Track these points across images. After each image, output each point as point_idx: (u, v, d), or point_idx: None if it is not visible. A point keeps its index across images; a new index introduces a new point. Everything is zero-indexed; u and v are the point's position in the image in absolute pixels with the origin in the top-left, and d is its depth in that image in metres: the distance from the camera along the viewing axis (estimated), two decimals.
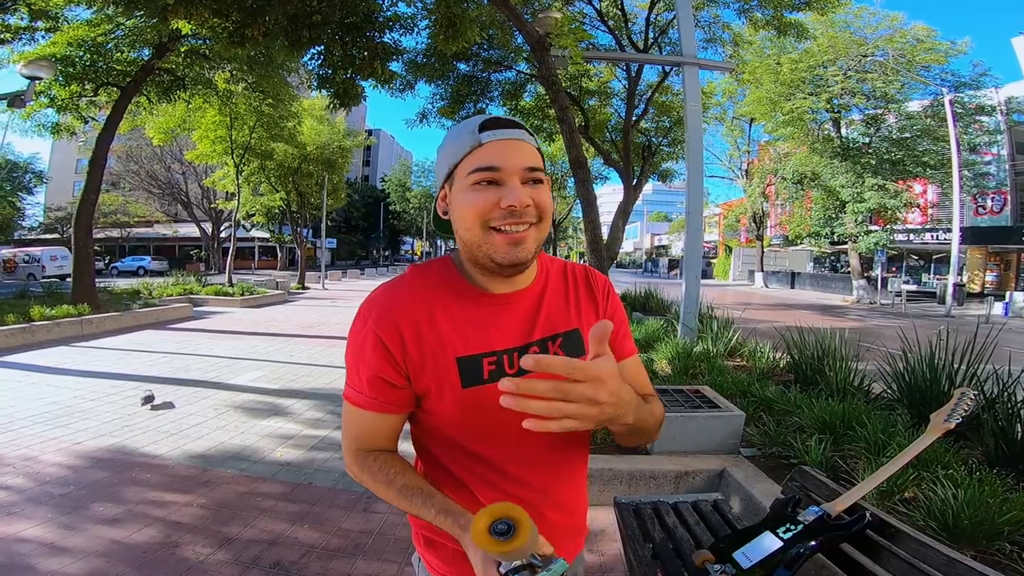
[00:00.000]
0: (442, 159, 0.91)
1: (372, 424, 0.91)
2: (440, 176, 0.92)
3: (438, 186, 0.93)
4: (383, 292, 0.91)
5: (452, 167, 0.88)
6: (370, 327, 0.87)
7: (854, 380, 4.21)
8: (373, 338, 0.86)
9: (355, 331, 0.89)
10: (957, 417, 1.48)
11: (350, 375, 0.91)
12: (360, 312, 0.90)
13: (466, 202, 0.85)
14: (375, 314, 0.88)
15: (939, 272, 23.67)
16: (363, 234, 51.95)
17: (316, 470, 3.46)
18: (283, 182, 20.08)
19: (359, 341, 0.88)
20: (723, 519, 1.99)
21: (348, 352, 0.90)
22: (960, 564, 1.27)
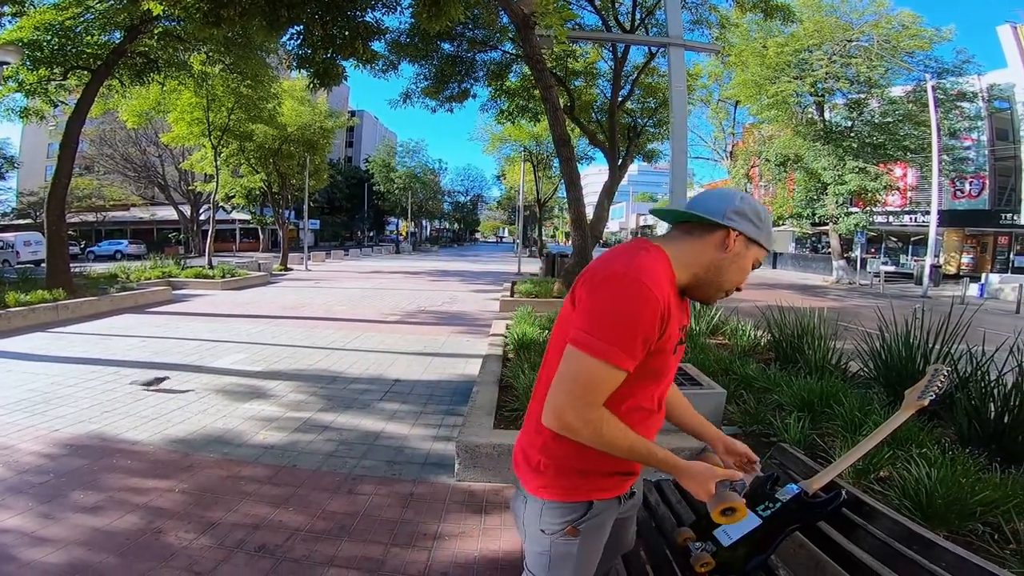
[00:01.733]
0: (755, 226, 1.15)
1: (618, 380, 1.06)
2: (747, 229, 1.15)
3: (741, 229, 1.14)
4: (656, 270, 1.08)
5: (756, 238, 1.16)
6: (653, 293, 1.03)
7: (832, 359, 4.30)
8: (655, 305, 1.03)
9: (633, 296, 1.03)
10: (931, 394, 1.47)
11: (618, 334, 1.02)
12: (642, 286, 1.03)
13: (743, 269, 1.18)
14: (659, 292, 1.04)
15: (917, 254, 24.12)
16: (347, 215, 51.13)
17: (300, 452, 3.44)
18: (263, 163, 19.60)
19: (649, 313, 1.03)
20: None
21: (626, 319, 1.03)
22: (935, 545, 1.28)
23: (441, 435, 3.79)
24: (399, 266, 23.93)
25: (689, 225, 1.18)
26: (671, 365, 1.20)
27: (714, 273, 1.16)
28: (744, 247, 1.15)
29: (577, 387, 1.04)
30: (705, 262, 1.15)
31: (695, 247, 1.15)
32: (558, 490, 1.19)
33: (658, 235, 1.24)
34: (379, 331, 7.86)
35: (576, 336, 1.05)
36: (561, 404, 1.05)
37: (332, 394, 4.71)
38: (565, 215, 9.74)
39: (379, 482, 3.05)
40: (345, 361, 5.92)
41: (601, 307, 1.04)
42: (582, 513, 1.19)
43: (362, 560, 2.29)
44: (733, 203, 1.14)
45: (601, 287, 1.06)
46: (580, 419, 1.05)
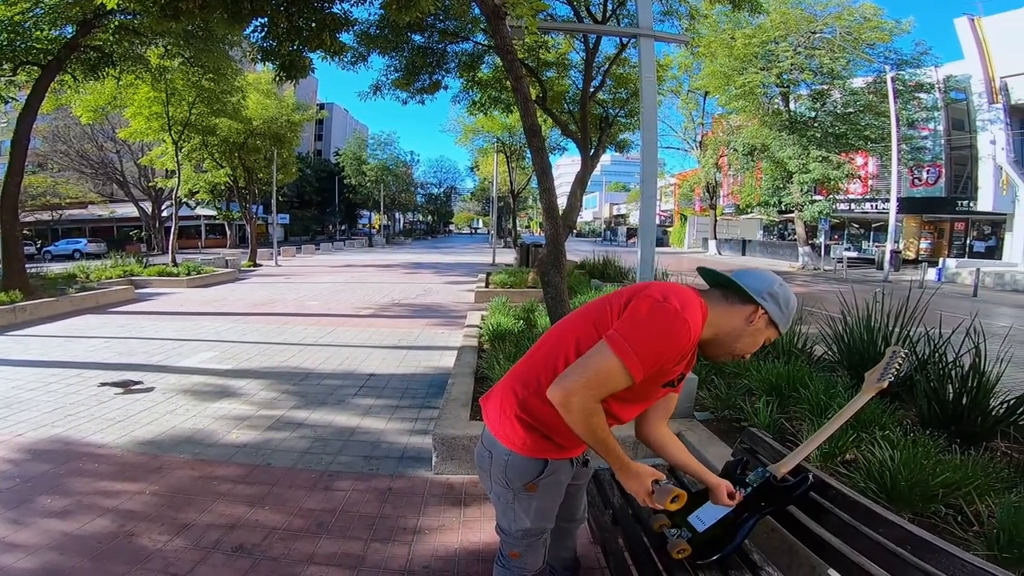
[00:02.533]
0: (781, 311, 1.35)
1: (624, 384, 1.23)
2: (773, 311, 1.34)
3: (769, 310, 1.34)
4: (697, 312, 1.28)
5: (777, 322, 1.35)
6: (691, 339, 1.25)
7: (798, 343, 4.42)
8: (686, 346, 1.26)
9: (678, 332, 1.23)
10: (890, 376, 1.52)
11: (648, 352, 1.21)
12: (683, 319, 1.23)
13: (755, 343, 1.37)
14: (695, 330, 1.26)
15: (878, 240, 24.93)
16: (317, 209, 50.35)
17: (274, 450, 3.39)
18: (228, 158, 19.00)
19: (678, 339, 1.23)
20: (679, 483, 2.05)
21: (658, 339, 1.22)
22: (899, 528, 1.32)
23: (418, 428, 3.78)
24: (372, 259, 23.67)
25: (727, 291, 1.37)
26: (655, 395, 1.42)
27: (732, 339, 1.34)
28: (764, 325, 1.34)
29: (594, 377, 1.21)
30: (729, 328, 1.34)
31: (727, 312, 1.34)
32: (522, 445, 1.38)
33: (702, 290, 1.40)
34: (352, 325, 7.77)
35: (613, 336, 1.22)
36: (573, 387, 1.21)
37: (305, 391, 4.64)
38: (539, 205, 9.91)
39: (356, 478, 3.03)
40: (318, 357, 5.83)
41: (647, 323, 1.22)
42: (540, 471, 1.40)
43: (342, 557, 2.28)
44: (772, 286, 1.34)
45: (657, 310, 1.23)
46: (581, 403, 1.21)
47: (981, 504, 2.05)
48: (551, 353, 1.38)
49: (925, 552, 1.21)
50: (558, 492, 1.49)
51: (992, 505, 2.02)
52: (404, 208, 57.44)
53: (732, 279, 1.36)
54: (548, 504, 1.49)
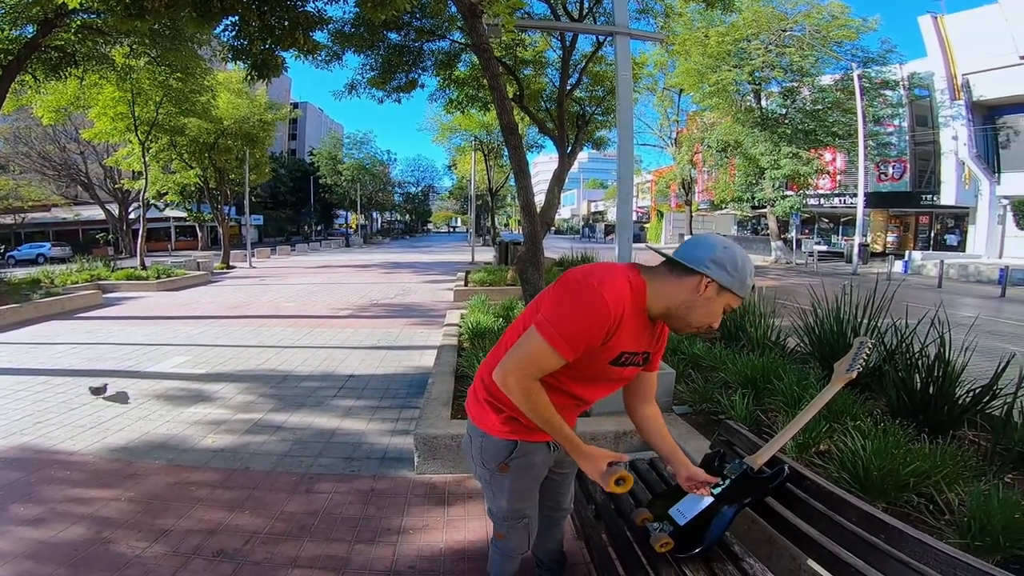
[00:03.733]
0: (730, 276, 1.31)
1: (557, 365, 1.30)
2: (719, 277, 1.30)
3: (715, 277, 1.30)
4: (618, 286, 1.29)
5: (729, 287, 1.31)
6: (610, 312, 1.25)
7: (772, 336, 4.52)
8: (606, 319, 1.25)
9: (593, 306, 1.25)
10: (858, 366, 1.56)
11: (569, 332, 1.25)
12: (599, 294, 1.25)
13: (715, 314, 1.34)
14: (613, 304, 1.26)
15: (846, 234, 25.70)
16: (292, 209, 49.41)
17: (252, 454, 3.34)
18: (198, 158, 18.50)
19: (596, 317, 1.25)
20: (660, 476, 2.10)
21: (576, 316, 1.26)
22: (874, 518, 1.34)
23: (399, 429, 3.76)
24: (349, 259, 23.40)
25: (673, 265, 1.36)
26: (610, 373, 1.42)
27: (684, 311, 1.33)
28: (715, 293, 1.31)
29: (525, 359, 1.30)
30: (678, 300, 1.33)
31: (673, 285, 1.34)
32: (492, 427, 1.48)
33: (649, 267, 1.42)
34: (330, 326, 7.68)
35: (539, 321, 1.29)
36: (509, 368, 1.32)
37: (283, 393, 4.58)
38: (518, 203, 9.88)
39: (338, 480, 3.00)
40: (295, 359, 5.75)
41: (566, 303, 1.28)
42: (510, 451, 1.49)
43: (326, 559, 2.26)
44: (713, 252, 1.31)
45: (574, 290, 1.29)
46: (517, 383, 1.31)
47: (951, 493, 2.09)
48: (508, 342, 1.47)
49: (900, 542, 1.24)
50: (532, 474, 1.56)
51: (962, 494, 2.07)
52: (381, 207, 56.91)
53: (673, 256, 1.36)
54: (522, 485, 1.56)
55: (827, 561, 1.41)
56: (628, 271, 1.35)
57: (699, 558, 1.54)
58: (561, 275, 1.38)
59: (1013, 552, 1.78)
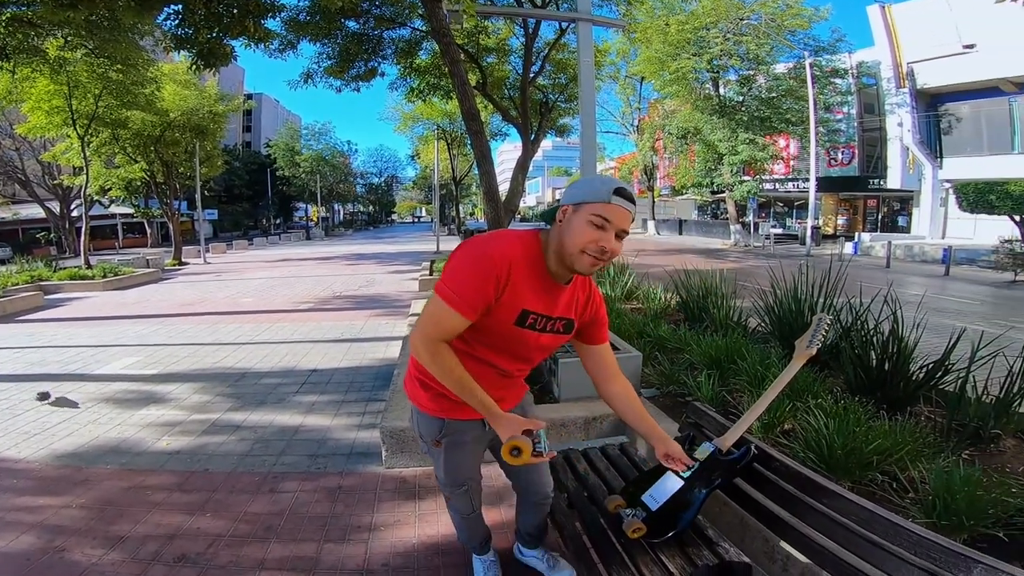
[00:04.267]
0: (578, 191, 1.35)
1: (459, 325, 1.32)
2: (570, 199, 1.34)
3: (566, 202, 1.35)
4: (504, 242, 1.34)
5: (583, 201, 1.32)
6: (495, 264, 1.29)
7: (734, 316, 4.60)
8: (492, 270, 1.29)
9: (479, 261, 1.30)
10: (817, 342, 1.58)
11: (463, 289, 1.29)
12: (484, 249, 1.31)
13: (581, 230, 1.30)
14: (499, 257, 1.30)
15: (800, 217, 26.59)
16: (249, 203, 47.83)
17: (211, 455, 3.20)
18: (143, 152, 17.59)
19: (484, 271, 1.29)
20: (630, 462, 2.10)
21: (467, 274, 1.30)
22: (843, 499, 1.34)
23: (365, 423, 3.67)
24: (311, 252, 22.85)
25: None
26: (517, 340, 1.41)
27: (557, 244, 1.34)
28: (572, 213, 1.33)
29: (428, 322, 1.34)
30: (555, 239, 1.36)
31: (552, 232, 1.38)
32: (423, 403, 1.54)
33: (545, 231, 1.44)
34: (291, 321, 7.46)
35: (437, 284, 1.35)
36: (416, 334, 1.37)
37: (242, 391, 4.41)
38: (482, 191, 9.70)
39: (303, 478, 2.91)
40: (254, 355, 5.55)
41: (455, 266, 1.33)
42: (439, 429, 1.55)
43: (295, 560, 2.17)
44: (570, 186, 1.40)
45: (465, 251, 1.34)
46: (424, 347, 1.34)
47: (913, 470, 2.12)
48: None
49: (871, 523, 1.25)
50: (464, 451, 1.62)
51: (924, 471, 2.10)
52: (343, 199, 56.06)
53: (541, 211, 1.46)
54: (456, 461, 1.63)
55: (800, 543, 1.41)
56: (519, 231, 1.41)
57: (673, 543, 1.54)
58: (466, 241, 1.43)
59: (978, 530, 1.80)
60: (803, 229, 22.37)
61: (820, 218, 25.09)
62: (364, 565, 2.15)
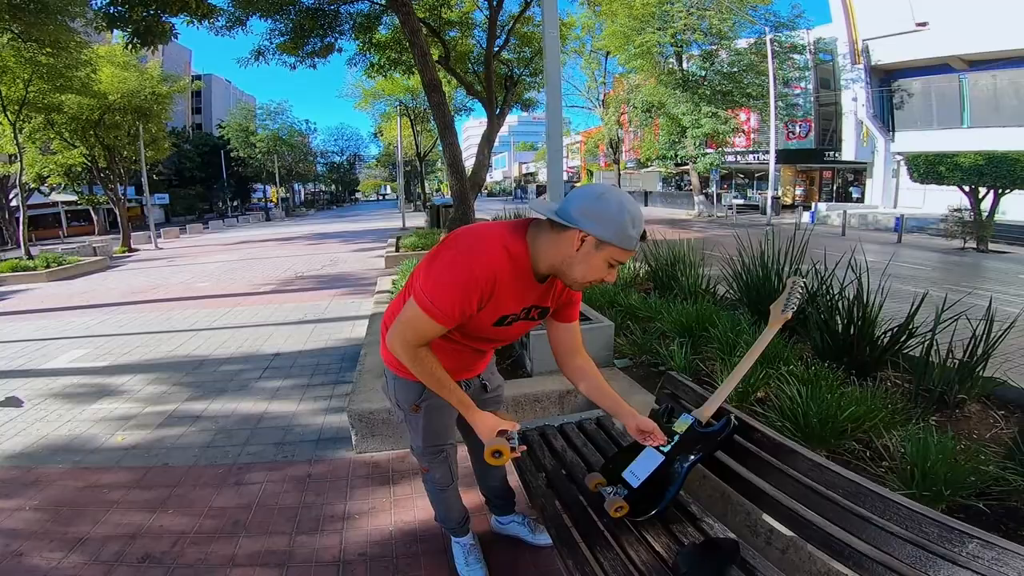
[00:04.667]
0: (608, 228, 1.21)
1: (438, 332, 1.32)
2: (597, 231, 1.21)
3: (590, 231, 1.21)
4: (491, 256, 1.26)
5: (608, 240, 1.22)
6: (479, 283, 1.24)
7: (703, 284, 4.63)
8: (476, 288, 1.24)
9: (463, 275, 1.24)
10: (792, 306, 1.55)
11: (443, 302, 1.25)
12: (469, 264, 1.25)
13: (597, 268, 1.27)
14: (484, 275, 1.24)
15: (760, 188, 27.40)
16: (203, 185, 46.06)
17: (170, 448, 3.03)
18: (82, 137, 16.68)
19: (465, 284, 1.24)
20: (608, 436, 2.04)
21: (449, 288, 1.25)
22: (826, 469, 1.30)
23: (333, 407, 3.54)
24: (271, 233, 22.21)
25: (553, 221, 1.27)
26: (494, 335, 1.44)
27: (566, 268, 1.28)
28: (594, 248, 1.23)
29: (408, 330, 1.33)
30: (558, 257, 1.27)
31: (551, 242, 1.27)
32: (401, 367, 1.47)
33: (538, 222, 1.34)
34: (251, 304, 7.20)
35: (417, 292, 1.30)
36: (393, 337, 1.37)
37: (200, 380, 4.21)
38: (446, 164, 9.47)
39: (270, 467, 2.78)
40: (212, 342, 5.32)
41: (438, 277, 1.27)
42: (419, 393, 1.55)
43: (266, 555, 2.07)
44: (584, 204, 1.21)
45: (445, 261, 1.28)
46: (404, 351, 1.35)
47: (888, 438, 2.11)
48: (398, 299, 1.53)
49: (857, 496, 1.21)
50: (444, 414, 1.62)
51: (896, 438, 2.10)
52: (303, 179, 54.70)
53: (545, 212, 1.27)
54: (435, 425, 1.63)
55: (785, 516, 1.38)
56: (507, 237, 1.29)
57: (657, 520, 1.49)
58: (445, 238, 1.37)
59: (956, 500, 1.78)
60: (764, 199, 23.02)
61: (779, 189, 25.91)
62: (340, 556, 2.06)
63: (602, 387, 1.56)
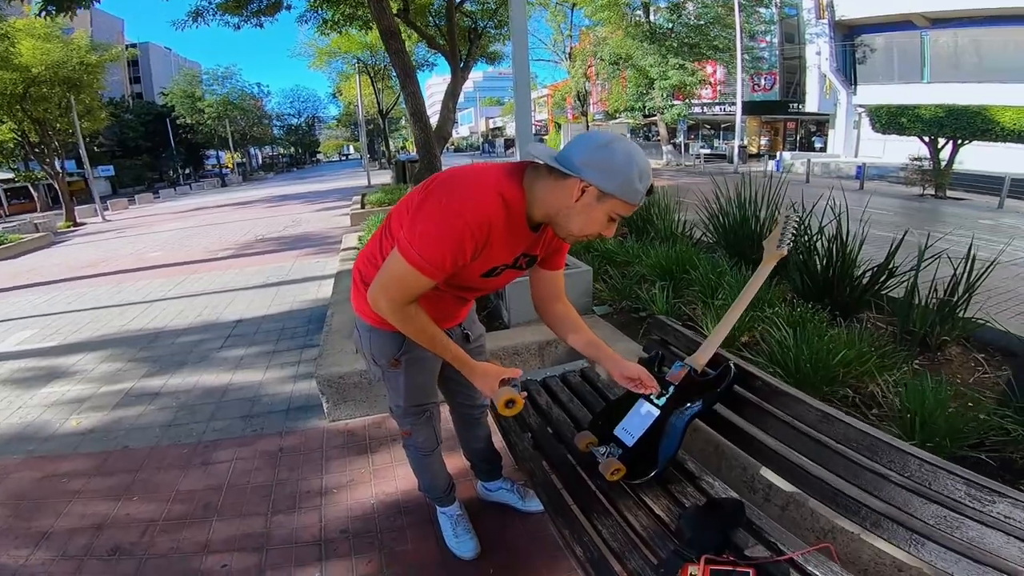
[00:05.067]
0: (613, 180, 1.10)
1: (428, 287, 1.19)
2: (600, 181, 1.10)
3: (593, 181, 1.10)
4: (486, 202, 1.13)
5: (611, 192, 1.11)
6: (474, 232, 1.11)
7: (679, 228, 4.59)
8: (470, 238, 1.11)
9: (455, 223, 1.10)
10: (788, 241, 1.46)
11: (433, 254, 1.12)
12: (461, 212, 1.10)
13: (597, 221, 1.16)
14: (478, 223, 1.11)
15: (727, 138, 28.11)
16: (150, 155, 44.52)
17: (129, 430, 2.82)
18: (8, 111, 15.89)
19: (458, 234, 1.10)
20: (594, 389, 1.91)
21: (439, 239, 1.11)
22: (837, 420, 1.19)
23: (302, 373, 3.36)
24: (227, 198, 21.54)
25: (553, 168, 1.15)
26: (482, 285, 1.34)
27: (563, 218, 1.17)
28: (595, 199, 1.12)
29: (393, 285, 1.18)
30: (555, 206, 1.16)
31: (550, 190, 1.16)
32: (378, 319, 1.35)
33: (535, 166, 1.20)
34: (209, 270, 6.90)
35: (402, 243, 1.15)
36: (377, 294, 1.20)
37: (157, 354, 3.97)
38: (408, 116, 9.00)
39: (238, 443, 2.61)
40: (169, 312, 5.05)
41: (425, 227, 1.12)
42: (399, 346, 1.41)
43: (243, 539, 1.93)
44: (589, 151, 1.10)
45: (434, 209, 1.12)
46: (391, 309, 1.21)
47: (874, 383, 2.04)
48: (373, 243, 1.37)
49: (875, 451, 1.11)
50: (426, 368, 1.50)
51: (884, 384, 2.03)
52: (260, 142, 53.40)
53: (544, 157, 1.16)
54: (417, 381, 1.50)
55: (787, 472, 1.29)
56: (502, 181, 1.16)
57: (655, 481, 1.38)
58: (429, 181, 1.20)
59: (957, 453, 1.69)
60: (730, 149, 23.62)
61: (745, 139, 26.76)
62: (320, 535, 1.93)
63: (584, 333, 1.46)
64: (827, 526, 1.46)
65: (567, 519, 1.35)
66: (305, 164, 67.88)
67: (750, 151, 26.88)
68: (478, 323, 1.69)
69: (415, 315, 1.23)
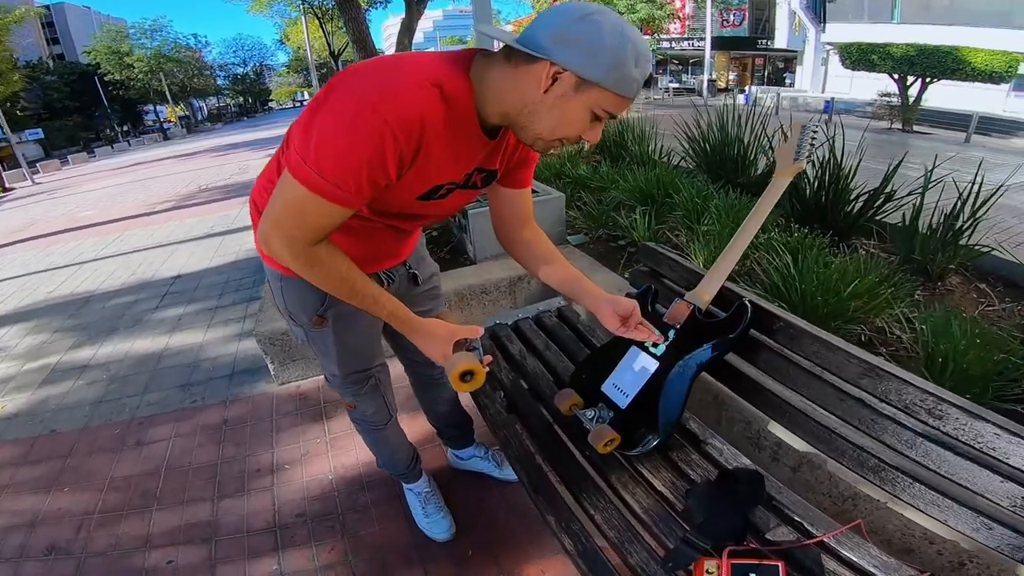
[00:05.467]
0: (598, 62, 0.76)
1: (340, 218, 0.84)
2: (573, 60, 0.76)
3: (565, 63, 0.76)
4: (414, 97, 0.76)
5: (594, 80, 0.77)
6: (398, 138, 0.77)
7: (655, 153, 4.37)
8: (396, 150, 0.78)
9: (371, 132, 0.75)
10: (805, 153, 1.19)
11: (341, 175, 0.77)
12: (377, 111, 0.74)
13: (577, 120, 0.83)
14: (404, 126, 0.76)
15: (695, 73, 28.88)
16: (81, 114, 42.56)
17: (56, 411, 2.49)
18: None
19: (377, 146, 0.76)
20: (574, 333, 1.62)
21: (348, 151, 0.76)
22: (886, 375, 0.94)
23: (247, 330, 3.03)
24: (169, 152, 20.39)
25: (512, 51, 0.81)
26: (423, 211, 0.99)
27: (527, 117, 0.83)
28: (572, 89, 0.78)
29: (287, 218, 0.82)
30: (516, 101, 0.82)
31: (507, 80, 0.82)
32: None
33: (487, 53, 0.86)
34: (146, 225, 6.43)
35: (292, 158, 0.79)
36: (268, 232, 0.84)
37: (86, 321, 3.57)
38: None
39: (176, 418, 2.30)
40: (100, 273, 4.62)
41: (322, 133, 0.76)
42: (321, 297, 1.08)
43: (188, 529, 1.68)
44: (562, 24, 0.76)
45: (334, 105, 0.76)
46: (290, 253, 0.85)
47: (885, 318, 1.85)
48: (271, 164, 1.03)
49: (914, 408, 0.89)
50: (361, 324, 1.16)
51: (891, 318, 1.84)
52: (203, 94, 51.32)
53: (501, 36, 0.85)
54: (350, 342, 1.18)
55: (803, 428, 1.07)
56: (440, 70, 0.81)
57: (656, 452, 1.13)
58: (332, 83, 0.80)
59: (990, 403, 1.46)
60: (699, 83, 24.44)
61: (714, 73, 27.53)
62: (274, 520, 1.68)
63: (559, 265, 1.17)
64: (847, 492, 1.26)
65: (552, 502, 1.09)
66: (256, 113, 65.35)
67: (719, 86, 27.61)
68: (429, 260, 1.35)
69: (326, 258, 0.88)
